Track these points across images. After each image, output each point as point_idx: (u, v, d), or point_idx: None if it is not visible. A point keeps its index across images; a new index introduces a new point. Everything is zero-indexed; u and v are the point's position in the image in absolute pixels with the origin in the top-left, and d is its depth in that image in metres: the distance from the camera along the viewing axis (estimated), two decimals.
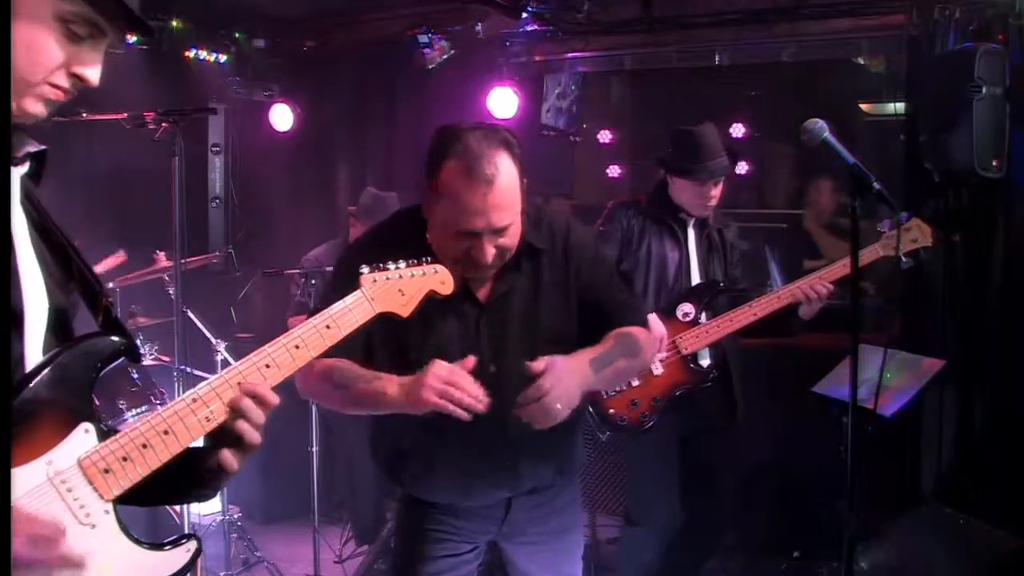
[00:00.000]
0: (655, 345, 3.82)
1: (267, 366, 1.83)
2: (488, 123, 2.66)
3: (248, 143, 7.53)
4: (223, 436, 1.79)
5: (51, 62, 1.64)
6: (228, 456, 1.79)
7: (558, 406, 2.45)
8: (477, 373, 2.43)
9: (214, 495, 1.89)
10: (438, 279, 2.22)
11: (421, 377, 2.38)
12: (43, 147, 1.79)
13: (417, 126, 6.97)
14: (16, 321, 1.63)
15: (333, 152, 7.85)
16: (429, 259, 2.22)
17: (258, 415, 1.79)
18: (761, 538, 5.50)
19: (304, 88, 7.54)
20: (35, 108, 1.66)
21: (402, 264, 2.14)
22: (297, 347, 1.87)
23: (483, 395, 2.37)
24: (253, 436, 1.79)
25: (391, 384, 2.48)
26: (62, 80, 1.66)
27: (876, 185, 2.41)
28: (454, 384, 2.35)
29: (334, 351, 1.99)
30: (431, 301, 2.23)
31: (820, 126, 2.48)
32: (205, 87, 7.37)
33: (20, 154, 1.74)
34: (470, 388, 2.36)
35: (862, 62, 6.64)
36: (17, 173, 1.71)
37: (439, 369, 2.37)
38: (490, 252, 2.53)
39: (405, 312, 2.13)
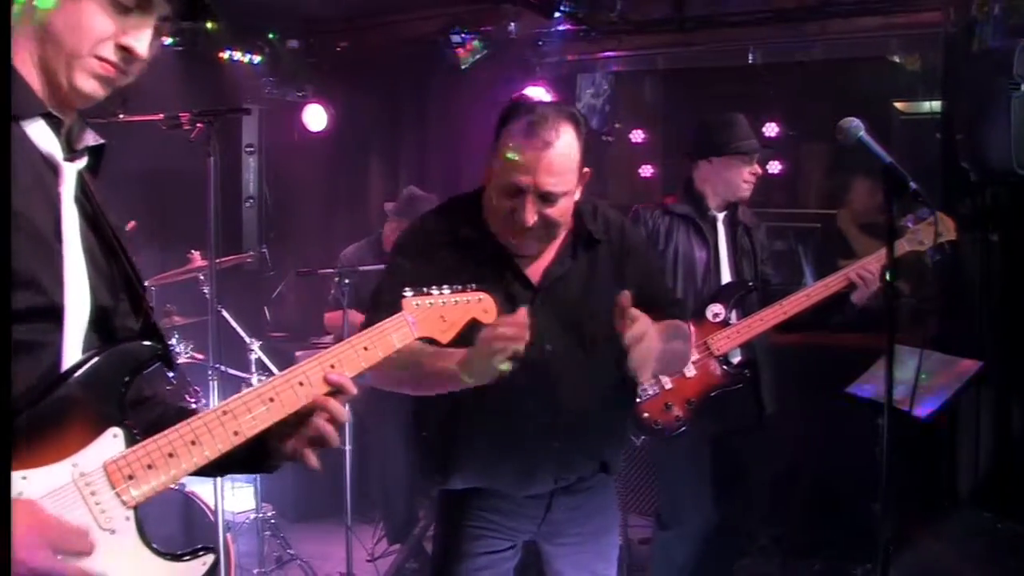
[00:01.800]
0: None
1: (300, 384, 1.81)
2: (561, 102, 2.75)
3: (282, 143, 7.57)
4: (301, 430, 1.83)
5: (97, 34, 1.65)
6: (310, 456, 1.83)
7: (652, 351, 2.45)
8: (527, 356, 2.44)
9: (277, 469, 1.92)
10: (481, 307, 2.21)
11: (476, 345, 2.35)
12: (102, 141, 1.80)
13: (450, 126, 7.01)
14: (57, 317, 1.64)
15: (366, 152, 7.88)
16: (474, 286, 2.21)
17: (344, 416, 1.83)
18: (794, 539, 5.47)
19: (337, 88, 7.58)
20: (87, 85, 1.67)
21: (446, 290, 2.13)
22: (332, 366, 1.86)
23: (525, 327, 2.31)
24: (334, 439, 1.83)
25: (455, 357, 2.44)
26: (109, 53, 1.67)
27: (912, 184, 2.39)
28: (498, 325, 2.31)
29: None
30: (483, 280, 2.24)
31: (856, 125, 2.47)
32: (239, 88, 7.43)
33: (79, 147, 1.75)
34: (512, 320, 2.31)
35: (897, 60, 6.59)
36: (74, 168, 1.72)
37: (487, 331, 2.33)
38: (532, 214, 2.56)
39: (445, 339, 2.12)
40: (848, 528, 4.88)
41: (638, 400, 3.85)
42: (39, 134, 1.67)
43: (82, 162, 1.75)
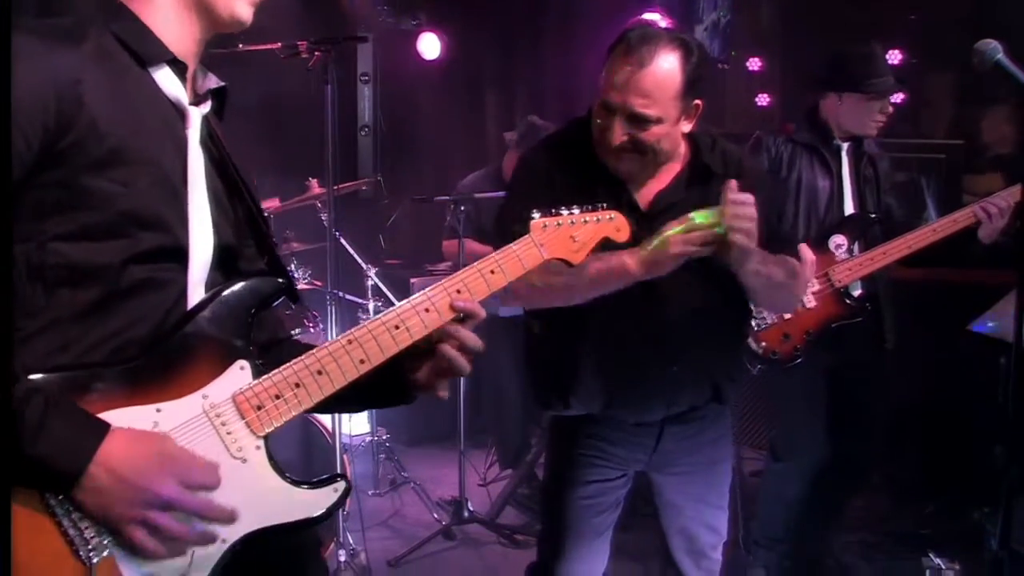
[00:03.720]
0: (808, 277, 3.73)
1: (427, 310, 1.82)
2: (680, 28, 2.70)
3: (396, 72, 7.60)
4: (431, 360, 1.85)
5: None
6: (442, 387, 1.87)
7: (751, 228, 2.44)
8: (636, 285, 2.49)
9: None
10: (613, 226, 2.15)
11: (664, 243, 2.43)
12: (223, 84, 1.85)
13: (564, 52, 6.93)
14: (182, 257, 1.68)
15: (480, 80, 7.87)
16: (604, 205, 2.16)
17: (476, 343, 1.85)
18: (909, 478, 5.38)
19: (451, 16, 7.55)
20: (244, 12, 1.75)
21: (575, 209, 2.08)
22: (459, 291, 1.86)
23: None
24: (464, 367, 1.85)
25: (630, 256, 2.47)
26: None
27: None
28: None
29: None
30: (593, 201, 2.19)
31: (993, 47, 2.37)
32: (353, 16, 7.45)
33: (202, 91, 1.81)
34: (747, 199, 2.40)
35: None
36: (199, 112, 1.76)
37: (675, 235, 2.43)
38: (620, 134, 2.57)
39: (577, 259, 2.07)
40: (966, 470, 4.77)
41: (755, 329, 3.81)
42: (166, 80, 1.71)
43: (207, 106, 1.80)
